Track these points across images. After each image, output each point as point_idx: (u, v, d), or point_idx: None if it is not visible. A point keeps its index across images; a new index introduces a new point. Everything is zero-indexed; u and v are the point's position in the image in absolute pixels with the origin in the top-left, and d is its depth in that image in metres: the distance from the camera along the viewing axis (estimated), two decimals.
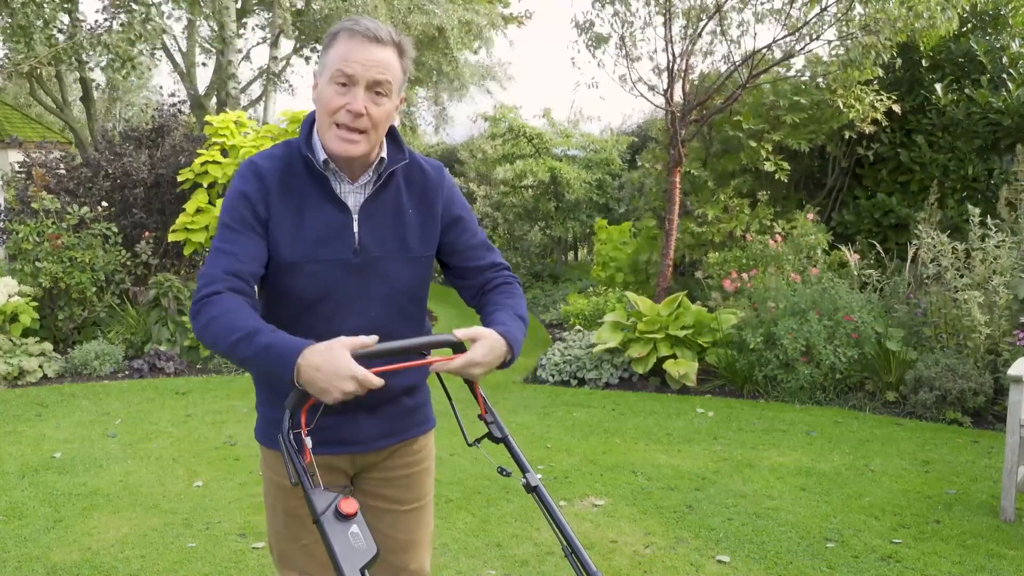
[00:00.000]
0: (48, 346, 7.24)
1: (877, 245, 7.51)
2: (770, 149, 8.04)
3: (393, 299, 1.85)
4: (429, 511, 2.06)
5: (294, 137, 1.86)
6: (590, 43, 8.20)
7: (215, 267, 1.72)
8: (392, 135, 1.89)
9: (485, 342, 1.71)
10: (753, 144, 7.97)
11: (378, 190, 1.83)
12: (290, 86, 19.03)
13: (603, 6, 8.06)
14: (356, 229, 1.80)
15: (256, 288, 1.79)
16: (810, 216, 7.67)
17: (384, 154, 1.84)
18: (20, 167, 8.85)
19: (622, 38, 8.03)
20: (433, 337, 1.75)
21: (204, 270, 1.76)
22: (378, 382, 1.57)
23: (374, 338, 1.61)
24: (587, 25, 8.20)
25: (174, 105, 9.89)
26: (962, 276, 5.95)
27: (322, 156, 1.78)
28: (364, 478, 1.98)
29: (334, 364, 1.54)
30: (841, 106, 7.66)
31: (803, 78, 8.22)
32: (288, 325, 1.74)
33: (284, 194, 1.78)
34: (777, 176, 8.08)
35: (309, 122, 1.84)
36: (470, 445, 1.86)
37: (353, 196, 1.82)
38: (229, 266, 1.71)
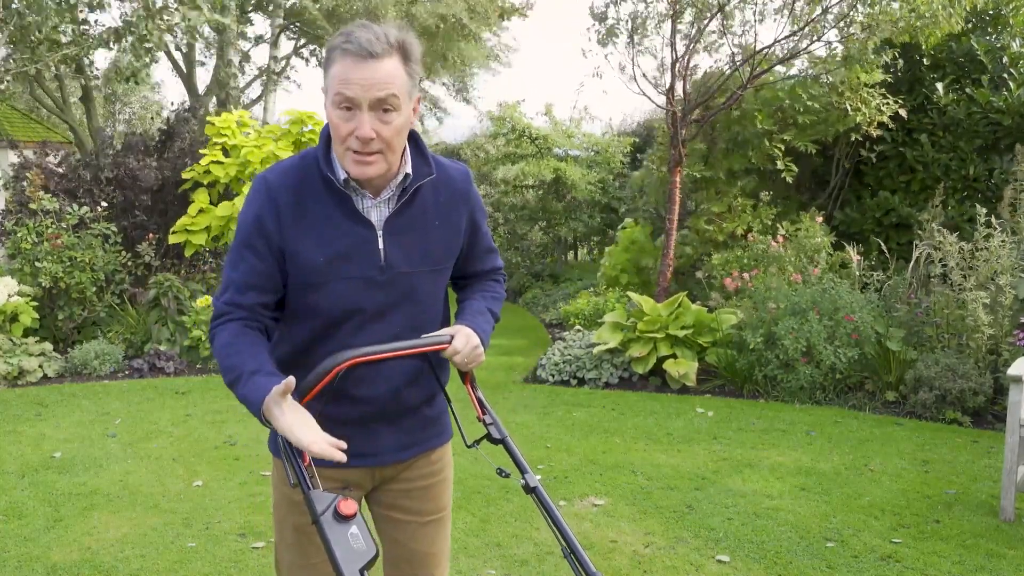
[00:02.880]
0: (48, 346, 7.24)
1: (882, 244, 7.51)
2: (781, 149, 8.04)
3: (412, 310, 1.82)
4: (447, 523, 2.03)
5: (309, 148, 1.80)
6: (601, 35, 8.19)
7: (221, 298, 1.76)
8: (417, 145, 1.81)
9: (461, 334, 1.77)
10: (766, 143, 7.96)
11: (403, 205, 1.77)
12: (295, 83, 19.02)
13: (618, 3, 8.07)
14: (381, 245, 1.75)
15: (265, 311, 1.77)
16: (819, 219, 7.66)
17: (409, 168, 1.76)
18: (16, 168, 8.84)
19: (631, 36, 8.03)
20: (424, 339, 1.76)
21: (215, 299, 1.78)
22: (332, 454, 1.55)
23: (291, 379, 1.56)
24: (602, 15, 8.19)
25: (187, 110, 9.93)
26: (965, 276, 5.95)
27: (342, 175, 1.71)
28: (382, 490, 1.94)
29: (290, 430, 1.56)
30: (848, 109, 7.65)
31: (809, 76, 8.21)
32: (313, 341, 1.78)
33: (300, 212, 1.72)
34: (784, 176, 8.07)
35: (326, 136, 1.75)
36: (469, 447, 1.87)
37: (376, 211, 1.76)
38: (231, 298, 1.74)
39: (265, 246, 1.72)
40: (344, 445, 1.56)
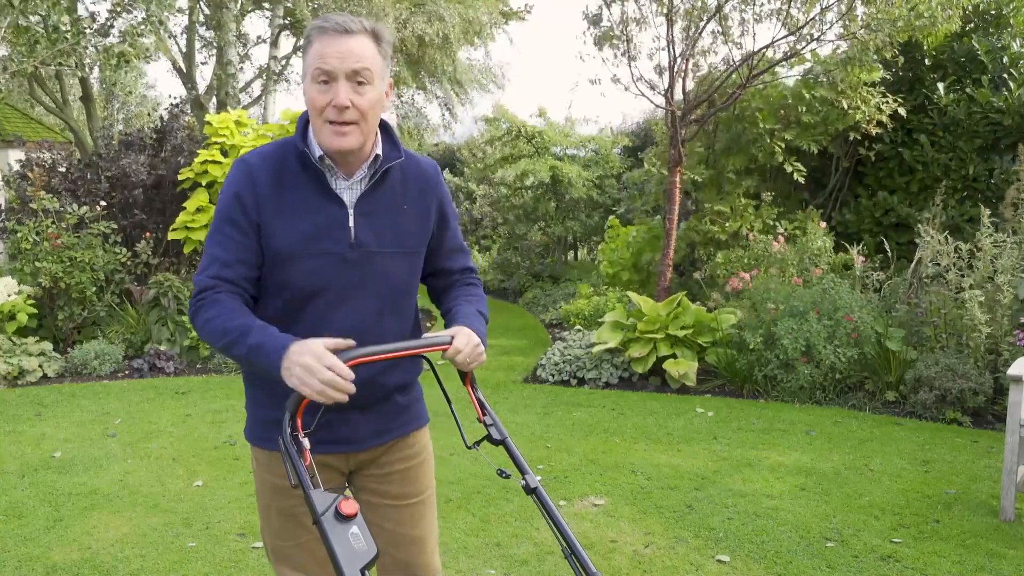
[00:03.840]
0: (48, 346, 7.24)
1: (885, 243, 7.51)
2: (782, 148, 8.04)
3: (388, 294, 1.88)
4: (431, 506, 2.07)
5: (289, 136, 1.88)
6: (597, 38, 8.18)
7: (205, 272, 1.80)
8: (387, 132, 1.91)
9: (462, 334, 1.80)
10: (768, 141, 7.96)
11: (374, 186, 1.86)
12: (289, 84, 18.99)
13: (610, 5, 8.07)
14: (352, 224, 1.83)
15: (250, 285, 1.83)
16: (823, 224, 7.66)
17: (379, 151, 1.86)
18: (19, 167, 8.83)
19: (627, 38, 8.02)
20: (426, 339, 1.77)
21: (197, 274, 1.82)
22: (349, 374, 1.61)
23: (350, 341, 1.65)
24: (596, 18, 8.19)
25: (177, 106, 9.89)
26: (963, 275, 5.95)
27: (318, 152, 1.81)
28: (361, 475, 1.99)
29: (314, 356, 1.60)
30: (846, 107, 7.66)
31: (813, 76, 8.21)
32: (284, 319, 1.81)
33: (277, 190, 1.80)
34: (794, 176, 8.07)
35: (304, 120, 1.85)
36: (469, 448, 1.87)
37: (348, 192, 1.85)
38: (217, 272, 1.80)
39: (246, 221, 1.80)
40: (349, 342, 1.64)
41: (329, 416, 1.83)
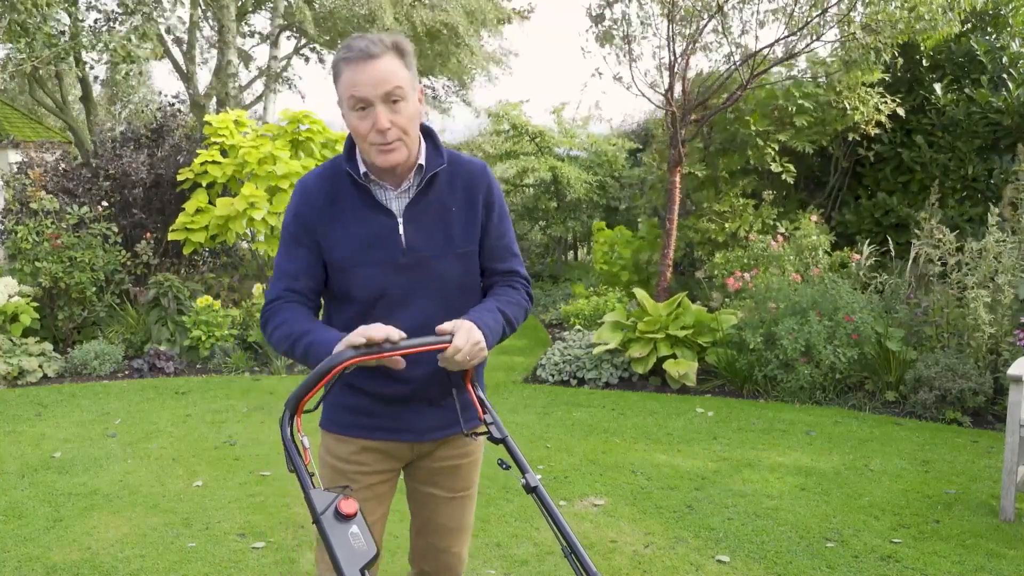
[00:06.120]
0: (48, 346, 7.24)
1: (888, 243, 7.50)
2: (776, 149, 8.03)
3: (444, 294, 1.95)
4: (473, 500, 2.17)
5: (338, 154, 2.00)
6: (599, 36, 8.18)
7: (275, 286, 1.97)
8: (432, 139, 1.99)
9: (462, 331, 1.80)
10: (760, 143, 7.96)
11: (422, 192, 1.94)
12: (293, 86, 18.98)
13: (612, 4, 8.06)
14: (402, 231, 1.92)
15: (315, 296, 1.97)
16: (814, 218, 7.67)
17: (423, 160, 1.94)
18: (19, 167, 8.83)
19: (626, 37, 8.02)
20: (427, 338, 1.78)
21: (268, 287, 1.99)
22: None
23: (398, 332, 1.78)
24: (599, 16, 8.19)
25: (172, 104, 9.87)
26: (966, 275, 5.95)
27: (362, 169, 1.92)
28: (417, 465, 2.08)
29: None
30: (847, 107, 7.65)
31: (806, 78, 8.21)
32: (353, 325, 1.89)
33: (332, 207, 1.93)
34: (784, 177, 8.07)
35: (351, 142, 1.95)
36: None
37: (397, 201, 1.94)
38: (286, 285, 1.95)
39: (306, 237, 1.94)
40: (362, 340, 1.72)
41: (399, 407, 1.96)
